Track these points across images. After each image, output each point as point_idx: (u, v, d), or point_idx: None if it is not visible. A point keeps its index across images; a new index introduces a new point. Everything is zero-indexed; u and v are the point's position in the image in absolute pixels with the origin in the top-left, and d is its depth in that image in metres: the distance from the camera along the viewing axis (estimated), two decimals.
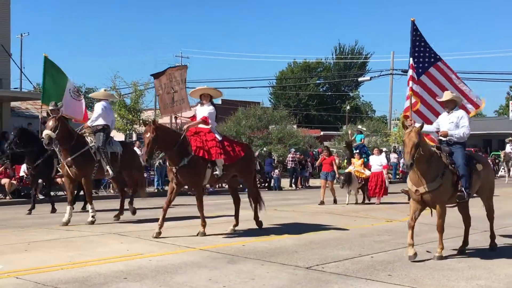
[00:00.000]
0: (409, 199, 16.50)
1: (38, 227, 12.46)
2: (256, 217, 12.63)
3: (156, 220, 11.50)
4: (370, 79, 49.81)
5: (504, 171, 34.23)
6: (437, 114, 11.14)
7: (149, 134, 10.58)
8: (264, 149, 35.43)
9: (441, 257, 9.21)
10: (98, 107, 13.86)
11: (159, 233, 10.86)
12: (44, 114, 16.68)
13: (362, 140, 25.35)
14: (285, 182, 30.01)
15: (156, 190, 23.93)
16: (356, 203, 19.57)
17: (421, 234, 12.03)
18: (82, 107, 17.61)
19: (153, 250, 9.82)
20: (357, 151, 21.98)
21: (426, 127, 10.21)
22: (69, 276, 7.76)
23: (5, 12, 25.40)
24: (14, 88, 29.89)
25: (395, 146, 37.97)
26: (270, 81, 73.91)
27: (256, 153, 34.80)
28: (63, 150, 12.92)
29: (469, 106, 11.70)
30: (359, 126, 31.55)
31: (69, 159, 12.79)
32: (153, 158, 11.24)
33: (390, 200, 19.65)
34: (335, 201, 19.39)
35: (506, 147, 33.85)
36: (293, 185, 29.70)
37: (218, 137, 11.69)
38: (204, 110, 11.87)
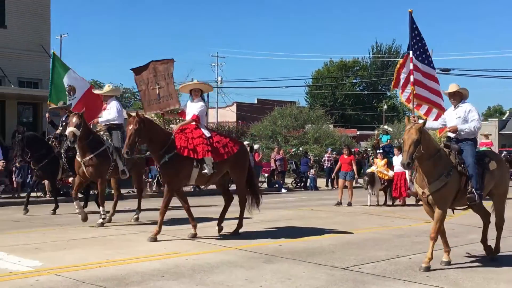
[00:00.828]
0: (417, 202, 16.34)
1: (77, 225, 12.53)
2: (240, 220, 11.62)
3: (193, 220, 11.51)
4: None
5: None
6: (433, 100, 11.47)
7: (131, 126, 10.04)
8: (300, 148, 35.35)
9: (448, 263, 8.61)
10: (114, 104, 13.05)
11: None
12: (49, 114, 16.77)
13: (389, 140, 24.37)
14: (321, 182, 29.87)
15: (191, 189, 24.11)
16: (378, 204, 19.17)
17: (459, 235, 11.87)
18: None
19: (190, 249, 9.88)
20: (380, 151, 21.41)
21: (431, 124, 9.96)
22: (108, 274, 7.84)
23: (45, 13, 25.84)
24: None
25: None
26: (306, 81, 73.91)
27: (292, 151, 35.00)
28: (80, 149, 12.34)
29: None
30: (385, 127, 30.29)
31: (87, 158, 12.29)
32: (134, 152, 10.37)
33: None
34: (349, 204, 18.81)
35: None
36: (329, 185, 29.48)
37: (206, 134, 10.98)
38: (194, 107, 11.22)
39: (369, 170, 19.69)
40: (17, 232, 11.63)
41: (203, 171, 10.60)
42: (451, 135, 8.99)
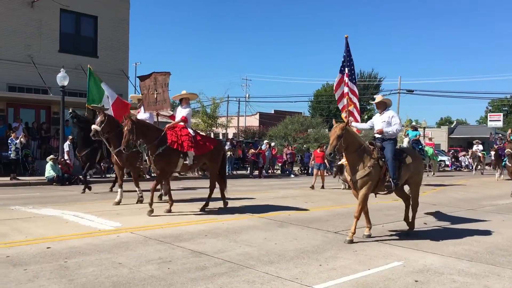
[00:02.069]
0: (346, 187, 15.59)
1: (147, 198, 12.58)
2: (207, 200, 10.89)
3: (227, 195, 11.50)
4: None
5: (472, 167, 32.13)
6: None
7: (126, 127, 9.48)
8: (304, 146, 35.24)
9: (351, 241, 7.53)
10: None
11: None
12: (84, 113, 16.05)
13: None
14: None
15: (227, 174, 24.13)
16: (345, 188, 16.74)
17: (419, 210, 11.73)
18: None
19: (225, 216, 9.89)
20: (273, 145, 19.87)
21: (361, 125, 9.35)
22: (167, 233, 7.89)
23: (125, 48, 25.99)
24: (130, 101, 30.52)
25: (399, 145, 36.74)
26: (309, 97, 73.49)
27: (293, 147, 34.87)
28: (112, 142, 11.72)
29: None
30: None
31: (115, 150, 11.59)
32: (131, 147, 9.63)
33: None
34: (322, 187, 17.53)
35: (473, 147, 32.04)
36: (325, 172, 29.19)
37: (192, 133, 10.46)
38: (183, 111, 10.68)
39: (339, 163, 18.76)
40: (103, 202, 11.73)
41: (185, 162, 10.13)
42: (378, 135, 8.36)
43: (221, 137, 45.14)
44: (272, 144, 28.72)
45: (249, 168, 25.89)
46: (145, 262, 5.99)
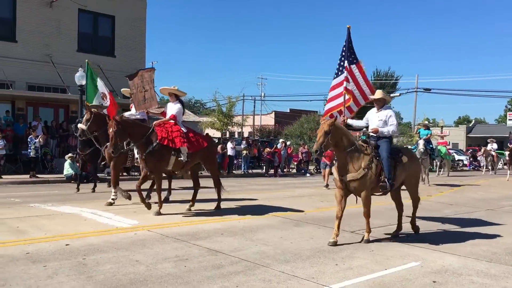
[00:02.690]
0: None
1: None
2: (218, 199, 10.74)
3: (243, 194, 11.52)
4: (400, 95, 48.46)
5: (483, 165, 31.36)
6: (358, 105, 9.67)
7: (111, 129, 8.99)
8: None
9: (368, 241, 7.47)
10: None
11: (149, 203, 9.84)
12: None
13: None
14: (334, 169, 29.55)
15: (243, 173, 24.20)
16: None
17: (437, 210, 11.60)
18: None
19: (241, 215, 9.90)
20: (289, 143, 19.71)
21: (356, 122, 8.54)
22: (183, 231, 7.93)
23: (141, 47, 26.20)
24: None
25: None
26: (325, 96, 72.93)
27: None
28: (102, 141, 11.43)
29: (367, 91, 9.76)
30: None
31: (103, 147, 11.25)
32: (120, 149, 9.23)
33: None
34: (326, 186, 16.94)
35: (487, 145, 31.36)
36: None
37: (183, 129, 9.96)
38: (173, 108, 10.18)
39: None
40: (120, 200, 11.81)
41: (179, 159, 9.61)
42: (373, 134, 7.89)
43: (236, 136, 45.13)
44: (288, 143, 28.66)
45: (264, 167, 25.89)
46: (162, 260, 6.04)
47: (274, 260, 6.25)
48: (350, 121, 8.42)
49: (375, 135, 7.83)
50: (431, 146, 19.14)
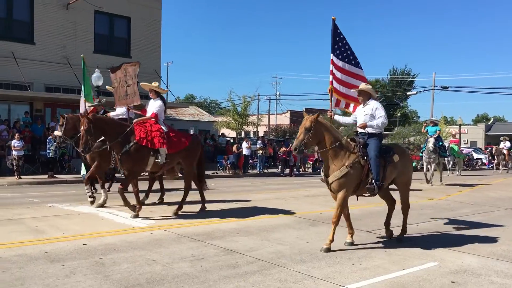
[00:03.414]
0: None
1: (178, 197, 12.72)
2: (181, 203, 9.96)
3: (258, 194, 11.51)
4: (416, 93, 47.93)
5: (496, 163, 30.53)
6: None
7: (82, 127, 8.56)
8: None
9: (328, 250, 6.69)
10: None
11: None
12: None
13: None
14: None
15: (258, 172, 24.20)
16: None
17: (455, 209, 11.45)
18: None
19: (256, 215, 9.88)
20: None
21: (344, 119, 8.14)
22: (199, 231, 7.95)
23: (157, 48, 26.39)
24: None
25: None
26: None
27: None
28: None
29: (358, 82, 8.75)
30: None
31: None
32: (90, 148, 8.72)
33: (437, 183, 18.78)
34: None
35: (500, 144, 30.63)
36: None
37: (164, 128, 9.48)
38: (154, 106, 9.73)
39: None
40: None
41: (156, 160, 9.16)
42: (361, 130, 7.31)
43: (252, 135, 45.09)
44: None
45: (280, 166, 25.86)
46: (178, 260, 6.06)
47: (290, 259, 6.23)
48: (337, 118, 8.09)
49: (363, 131, 7.28)
50: (441, 143, 18.33)
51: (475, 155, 37.79)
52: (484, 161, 37.58)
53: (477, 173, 28.40)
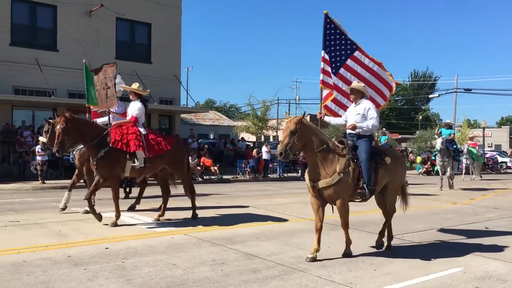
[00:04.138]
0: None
1: (199, 200, 12.76)
2: (193, 208, 9.84)
3: (279, 198, 11.47)
4: (438, 96, 47.42)
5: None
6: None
7: (58, 126, 8.22)
8: None
9: (348, 254, 6.65)
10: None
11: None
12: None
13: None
14: None
15: (278, 177, 24.16)
16: None
17: (479, 214, 11.25)
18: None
19: (277, 219, 9.86)
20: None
21: (335, 119, 7.60)
22: (219, 235, 7.96)
23: (177, 53, 26.63)
24: (182, 105, 31.18)
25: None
26: None
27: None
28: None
29: (378, 99, 8.45)
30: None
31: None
32: (66, 149, 8.43)
33: (458, 187, 18.47)
34: None
35: None
36: None
37: (142, 131, 8.99)
38: (132, 108, 9.26)
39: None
40: (156, 204, 12.00)
41: (132, 164, 8.71)
42: (351, 132, 6.88)
43: (271, 139, 45.07)
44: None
45: (300, 170, 25.74)
46: (199, 264, 6.08)
47: (311, 264, 6.19)
48: (327, 119, 7.63)
49: (353, 132, 6.85)
50: (455, 146, 17.73)
51: (500, 159, 37.02)
52: (509, 164, 36.81)
53: (502, 177, 27.80)
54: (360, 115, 6.86)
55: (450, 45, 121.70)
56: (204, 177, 20.79)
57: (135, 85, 9.60)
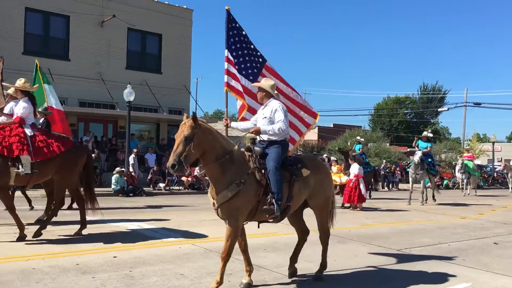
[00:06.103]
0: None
1: (207, 210, 12.80)
2: (47, 221, 8.51)
3: None
4: (448, 109, 47.27)
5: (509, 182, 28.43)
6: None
7: None
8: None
9: (248, 285, 5.69)
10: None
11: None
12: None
13: (361, 149, 19.42)
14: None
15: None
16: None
17: (488, 229, 11.15)
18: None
19: (283, 230, 9.83)
20: (334, 159, 18.83)
21: (243, 124, 6.33)
22: None
23: (187, 64, 26.81)
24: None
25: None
26: (370, 111, 72.10)
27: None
28: None
29: (309, 118, 7.67)
30: (358, 137, 21.79)
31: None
32: None
33: (465, 202, 18.34)
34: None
35: (511, 161, 28.81)
36: (385, 187, 28.68)
37: (28, 132, 7.88)
38: (18, 108, 8.14)
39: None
40: (165, 213, 12.03)
41: (15, 171, 7.59)
42: (263, 137, 5.79)
43: None
44: (332, 158, 28.36)
45: None
46: (206, 274, 6.08)
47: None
48: (234, 124, 6.51)
49: (264, 137, 5.78)
50: (430, 160, 17.39)
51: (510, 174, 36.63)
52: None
53: (502, 193, 27.53)
54: (267, 118, 5.80)
55: (460, 59, 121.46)
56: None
57: (20, 81, 8.31)
